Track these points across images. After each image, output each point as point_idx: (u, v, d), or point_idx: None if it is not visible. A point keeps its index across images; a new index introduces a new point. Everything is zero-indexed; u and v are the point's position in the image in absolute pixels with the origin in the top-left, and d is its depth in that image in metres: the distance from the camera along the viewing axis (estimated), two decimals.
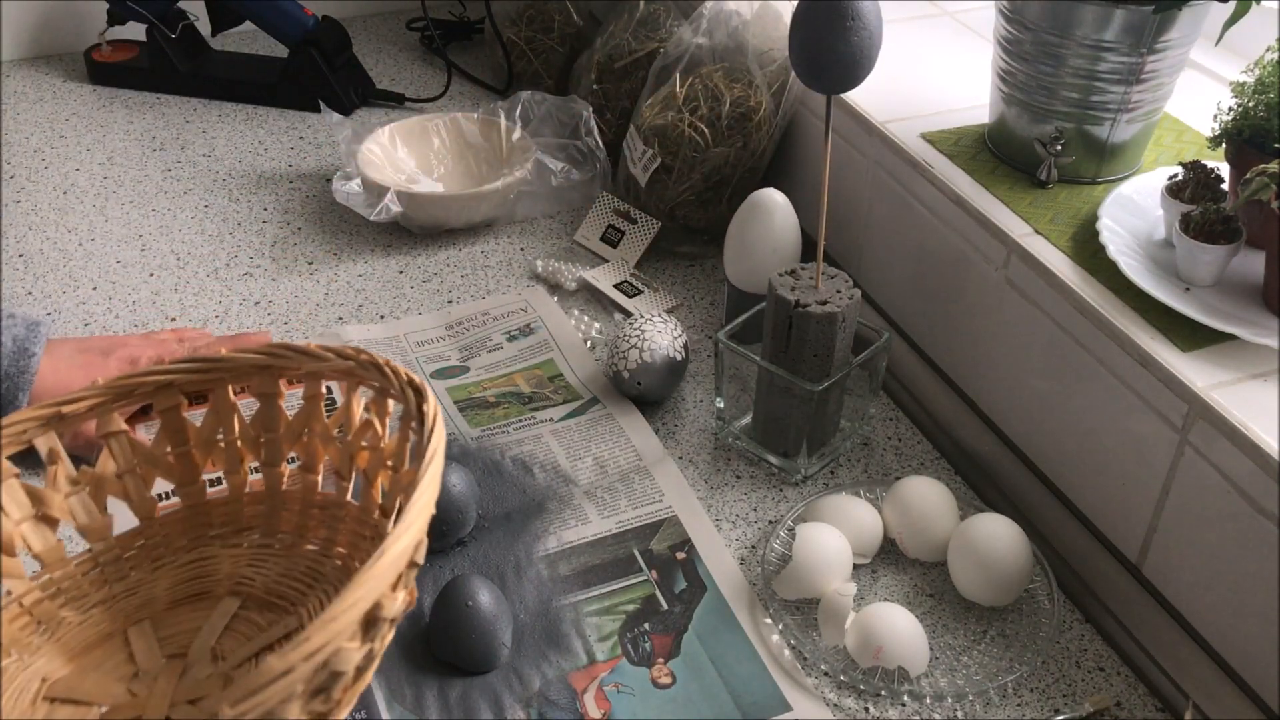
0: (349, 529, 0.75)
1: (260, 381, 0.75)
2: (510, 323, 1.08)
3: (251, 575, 0.76)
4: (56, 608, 0.72)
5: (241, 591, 0.75)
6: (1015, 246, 0.87)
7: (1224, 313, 0.78)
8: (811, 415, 0.90)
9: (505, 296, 1.12)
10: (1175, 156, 0.95)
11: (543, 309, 1.10)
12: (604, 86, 1.28)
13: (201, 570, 0.76)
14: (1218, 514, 0.73)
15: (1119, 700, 0.79)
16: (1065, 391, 0.85)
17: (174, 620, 0.74)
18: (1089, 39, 0.86)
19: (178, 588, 0.75)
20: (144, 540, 0.76)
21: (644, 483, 0.91)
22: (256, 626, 0.73)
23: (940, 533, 0.85)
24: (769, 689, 0.77)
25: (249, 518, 0.78)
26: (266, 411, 0.76)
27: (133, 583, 0.75)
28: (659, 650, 0.79)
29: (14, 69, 1.50)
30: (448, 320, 1.09)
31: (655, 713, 0.75)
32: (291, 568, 0.76)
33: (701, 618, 0.81)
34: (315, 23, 1.40)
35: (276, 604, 0.74)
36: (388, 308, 1.11)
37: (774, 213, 1.00)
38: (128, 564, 0.75)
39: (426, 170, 1.27)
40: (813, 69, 0.82)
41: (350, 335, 1.06)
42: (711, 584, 0.84)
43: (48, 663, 0.70)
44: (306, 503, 0.77)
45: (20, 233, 1.20)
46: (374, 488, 0.73)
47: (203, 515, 0.77)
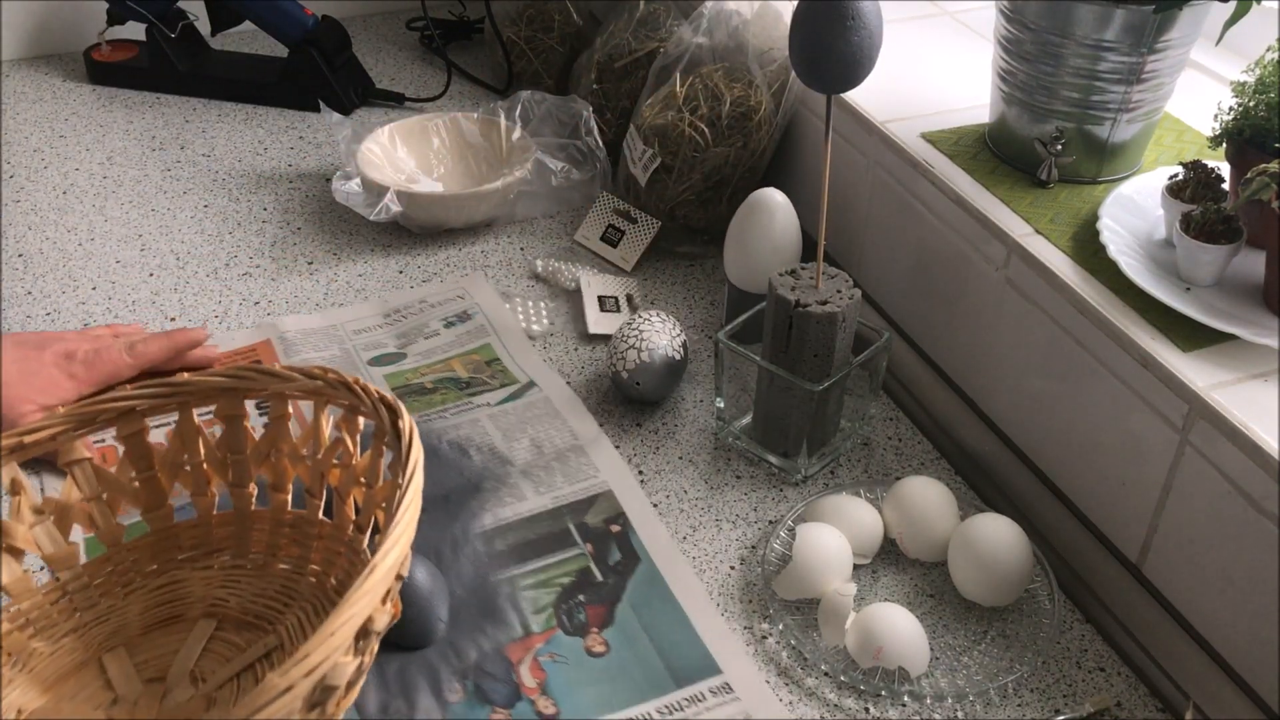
0: (323, 546, 0.75)
1: (225, 404, 0.75)
2: (447, 310, 1.10)
3: (225, 596, 0.75)
4: (26, 639, 0.71)
5: (216, 613, 0.75)
6: (1015, 246, 0.87)
7: (1224, 313, 0.78)
8: (811, 415, 0.90)
9: (443, 284, 1.13)
10: (1176, 156, 0.95)
11: (480, 296, 1.11)
12: (604, 86, 1.28)
13: (173, 594, 0.75)
14: (1218, 514, 0.73)
15: (1119, 700, 0.79)
16: (1065, 391, 0.85)
17: (149, 645, 0.74)
18: (1089, 39, 0.86)
19: (150, 612, 0.74)
20: (112, 567, 0.75)
21: (579, 460, 0.93)
22: (235, 647, 0.73)
23: (940, 533, 0.85)
24: (700, 654, 0.79)
25: (219, 539, 0.77)
26: (232, 433, 0.75)
27: (104, 610, 0.74)
28: (593, 620, 0.81)
29: (14, 69, 1.50)
30: (385, 309, 1.10)
31: (589, 681, 0.77)
32: (265, 587, 0.75)
33: (635, 588, 0.83)
34: (315, 22, 1.40)
35: (253, 624, 0.74)
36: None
37: (774, 212, 1.00)
38: (97, 591, 0.74)
39: (426, 170, 1.27)
40: (813, 69, 0.82)
41: (287, 325, 1.07)
42: (645, 555, 0.86)
43: (21, 695, 0.69)
44: (277, 522, 0.77)
45: (20, 233, 1.20)
46: (347, 504, 0.73)
47: (171, 539, 0.77)
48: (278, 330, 1.06)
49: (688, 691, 0.77)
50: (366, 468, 0.72)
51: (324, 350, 1.03)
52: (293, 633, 0.73)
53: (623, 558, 0.85)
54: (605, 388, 1.03)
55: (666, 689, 0.76)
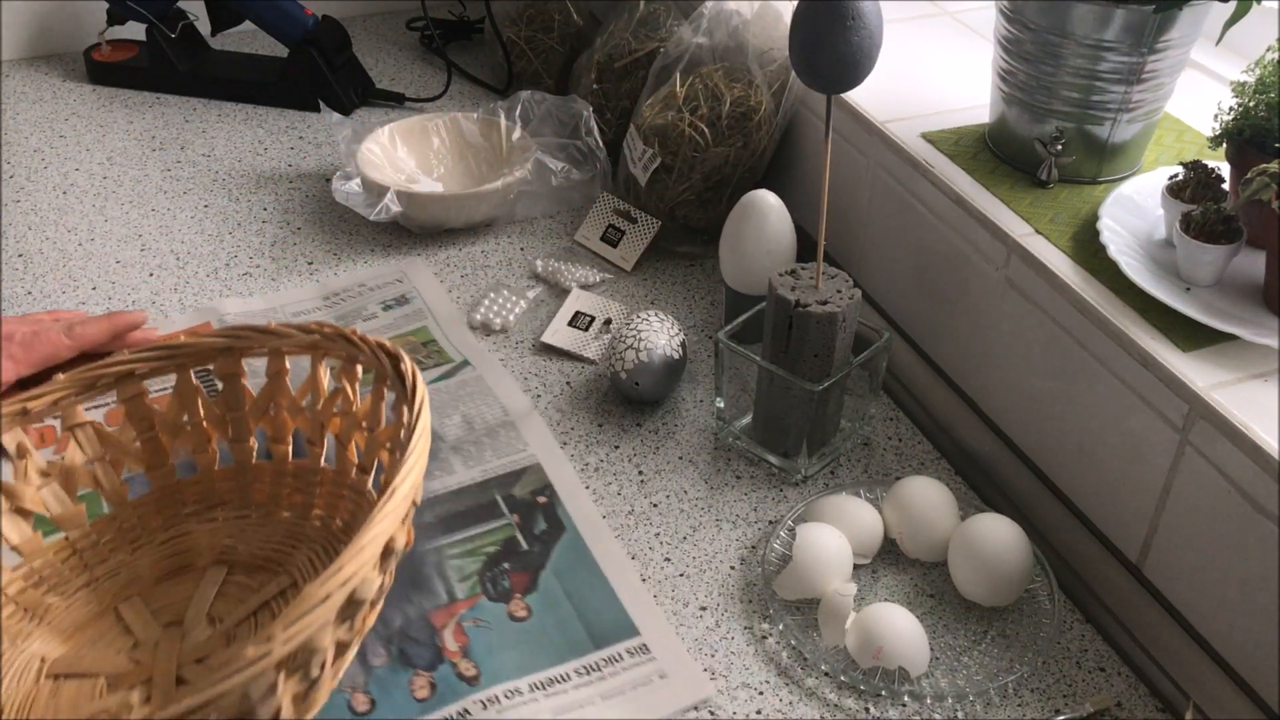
0: (326, 492, 0.77)
1: (222, 363, 0.77)
2: (385, 293, 1.12)
3: (233, 544, 0.78)
4: (41, 595, 0.73)
5: (226, 560, 0.77)
6: (1016, 246, 0.87)
7: (1224, 313, 0.78)
8: (811, 415, 0.90)
9: (381, 268, 1.15)
10: (1176, 156, 0.95)
11: (418, 279, 1.14)
12: (604, 86, 1.28)
13: (181, 546, 0.78)
14: (1218, 514, 0.73)
15: (1119, 700, 0.79)
16: (1065, 391, 0.85)
17: (163, 594, 0.76)
18: (1089, 39, 0.86)
19: (160, 564, 0.77)
20: (119, 524, 0.77)
21: (509, 435, 0.95)
22: (248, 589, 0.75)
23: (940, 533, 0.85)
24: (620, 617, 0.81)
25: (222, 493, 0.80)
26: (230, 391, 0.78)
27: (114, 565, 0.76)
28: (517, 586, 0.83)
29: (14, 69, 1.50)
30: (324, 291, 1.12)
31: (511, 644, 0.79)
32: (271, 534, 0.78)
33: (559, 555, 0.86)
34: (315, 22, 1.40)
35: (264, 566, 0.76)
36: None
37: (767, 214, 1.00)
38: (106, 547, 0.77)
39: (426, 170, 1.27)
40: (813, 69, 0.82)
41: (228, 308, 1.08)
42: (570, 524, 0.88)
43: (43, 645, 0.71)
44: (278, 473, 0.79)
45: (20, 233, 1.20)
46: (349, 450, 0.76)
47: (174, 495, 0.79)
48: (218, 313, 1.08)
49: (606, 652, 0.79)
50: (368, 412, 0.74)
51: None
52: (304, 571, 0.75)
53: (548, 527, 0.88)
54: (605, 388, 1.03)
55: (585, 651, 0.79)
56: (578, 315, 1.09)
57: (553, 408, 1.01)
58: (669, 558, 0.88)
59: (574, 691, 0.77)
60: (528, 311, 1.11)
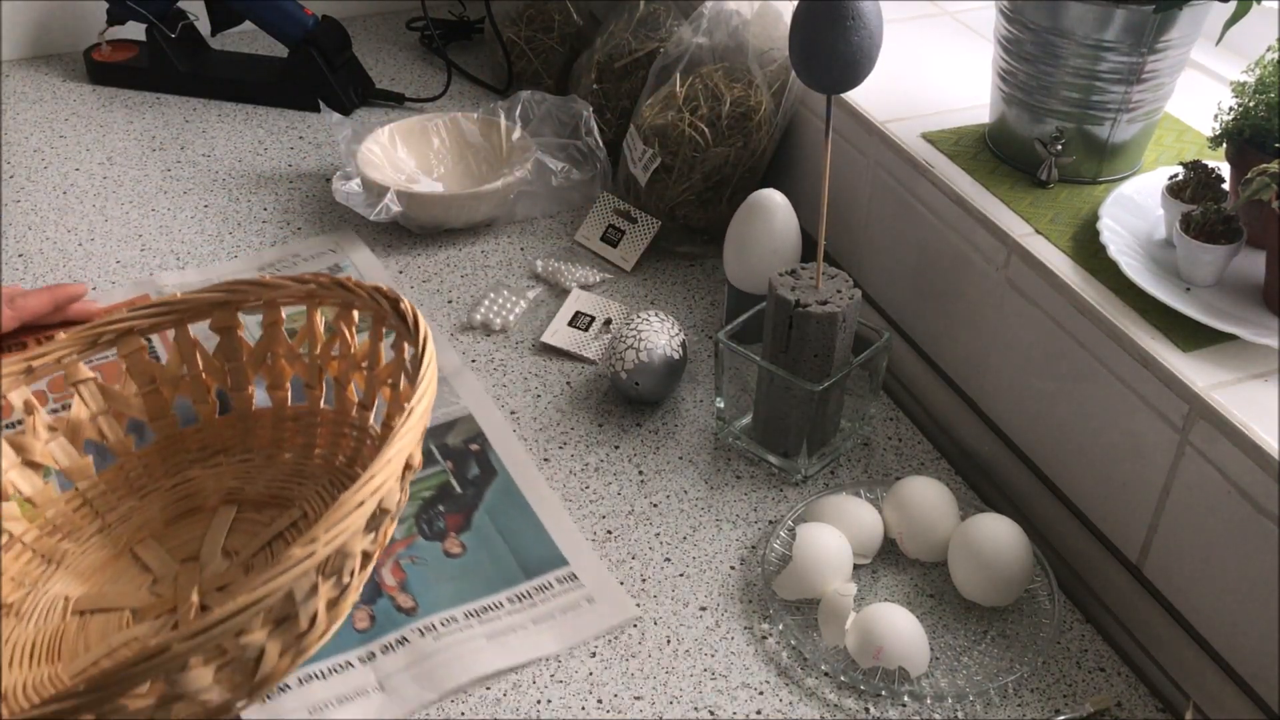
0: (326, 432, 0.80)
1: (219, 317, 0.79)
2: (319, 263, 1.16)
3: (239, 485, 0.80)
4: (56, 542, 0.76)
5: (234, 499, 0.80)
6: (1016, 246, 0.87)
7: (1224, 313, 0.78)
8: (811, 415, 0.90)
9: (315, 240, 1.19)
10: (1176, 156, 0.95)
11: (351, 250, 1.18)
12: (604, 86, 1.28)
13: (189, 490, 0.80)
14: (1218, 514, 0.73)
15: (1119, 700, 0.79)
16: (1065, 391, 0.85)
17: (175, 534, 0.78)
18: (1089, 39, 0.86)
19: (170, 507, 0.79)
20: (126, 474, 0.80)
21: (442, 389, 1.00)
22: (258, 524, 0.78)
23: (940, 533, 0.85)
24: (549, 550, 0.87)
25: (224, 440, 0.82)
26: (228, 343, 0.80)
27: (125, 511, 0.79)
28: (451, 526, 0.88)
29: (14, 69, 1.50)
30: (260, 263, 1.15)
31: (446, 578, 0.84)
32: (275, 474, 0.80)
33: (491, 497, 0.91)
34: (315, 22, 1.40)
35: (272, 503, 0.79)
36: None
37: (774, 213, 1.00)
38: (115, 496, 0.79)
39: (426, 170, 1.27)
40: (813, 69, 0.82)
41: (165, 280, 1.12)
42: (502, 469, 0.93)
43: (64, 586, 0.74)
44: (278, 418, 0.82)
45: (20, 233, 1.20)
46: (348, 390, 0.79)
47: (178, 444, 0.81)
48: (155, 285, 1.11)
49: (537, 581, 0.84)
50: (367, 353, 0.77)
51: None
52: (312, 504, 0.78)
53: (480, 472, 0.93)
54: (605, 388, 1.03)
55: (517, 581, 0.84)
56: (578, 315, 1.09)
57: (553, 408, 1.01)
58: (669, 558, 0.88)
59: (507, 618, 0.81)
60: (528, 311, 1.11)
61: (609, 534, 0.89)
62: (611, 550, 0.88)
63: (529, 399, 1.01)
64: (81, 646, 0.72)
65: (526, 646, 0.80)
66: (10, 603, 0.73)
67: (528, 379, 1.04)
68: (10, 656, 0.70)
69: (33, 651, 0.71)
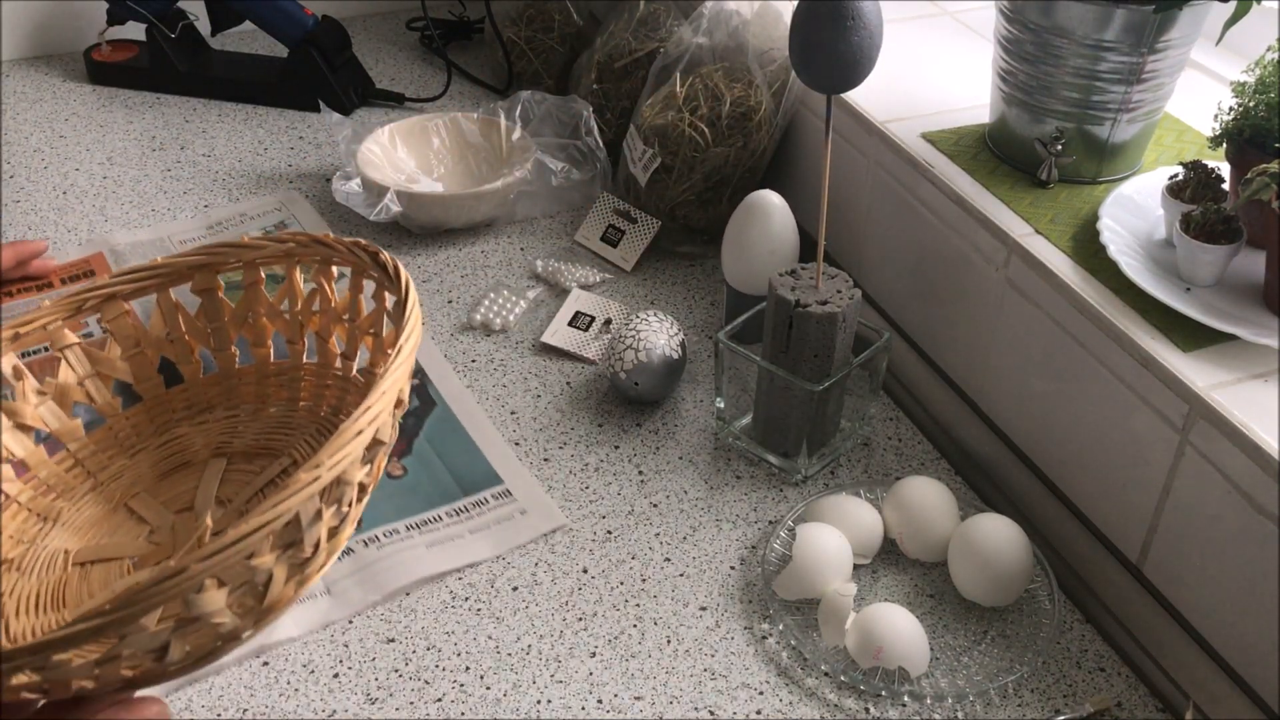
0: (309, 385, 0.83)
1: (200, 279, 0.81)
2: (266, 220, 1.23)
3: (227, 439, 0.83)
4: (51, 501, 0.78)
5: (224, 453, 0.82)
6: (1016, 246, 0.87)
7: (1224, 313, 0.78)
8: (811, 415, 0.90)
9: (261, 199, 1.25)
10: (1176, 156, 0.95)
11: (295, 207, 1.25)
12: (604, 86, 1.28)
13: (177, 447, 0.82)
14: (1218, 514, 0.73)
15: (1119, 701, 0.79)
16: (1066, 391, 0.85)
17: (167, 488, 0.80)
18: (1089, 39, 0.86)
19: (160, 463, 0.81)
20: (114, 434, 0.82)
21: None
22: (249, 473, 0.80)
23: (940, 533, 0.85)
24: (485, 470, 0.94)
25: (209, 398, 0.84)
26: (209, 305, 0.82)
27: (116, 469, 0.81)
28: (394, 452, 0.94)
29: (14, 69, 1.50)
30: (209, 222, 1.22)
31: (388, 496, 0.90)
32: (262, 427, 0.83)
33: (431, 426, 0.98)
34: (315, 22, 1.40)
35: (260, 454, 0.81)
36: None
37: (771, 214, 1.00)
38: (105, 455, 0.81)
39: (426, 170, 1.27)
40: (813, 69, 0.82)
41: (118, 239, 1.18)
42: (441, 400, 1.00)
43: (63, 541, 0.76)
44: (262, 374, 0.84)
45: (20, 232, 1.20)
46: (329, 343, 0.81)
47: (164, 404, 0.83)
48: (109, 244, 1.17)
49: (474, 498, 0.91)
50: (347, 305, 0.79)
51: (153, 255, 1.12)
52: (301, 452, 0.80)
53: (420, 404, 0.99)
54: (604, 388, 1.03)
55: (455, 497, 0.91)
56: (578, 315, 1.09)
57: (553, 408, 1.01)
58: (669, 558, 0.88)
59: (445, 529, 0.88)
60: (528, 311, 1.11)
61: (609, 534, 0.89)
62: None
63: (529, 399, 1.01)
64: (85, 594, 0.74)
65: (464, 553, 0.86)
66: (11, 558, 0.74)
67: (528, 379, 1.04)
68: (15, 607, 0.72)
69: (37, 601, 0.73)
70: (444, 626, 0.82)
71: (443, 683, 0.79)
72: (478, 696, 0.78)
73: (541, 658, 0.80)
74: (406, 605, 0.83)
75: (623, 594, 0.85)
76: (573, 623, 0.83)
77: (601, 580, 0.86)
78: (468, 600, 0.84)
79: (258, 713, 0.76)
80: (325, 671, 0.79)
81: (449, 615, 0.83)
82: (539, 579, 0.86)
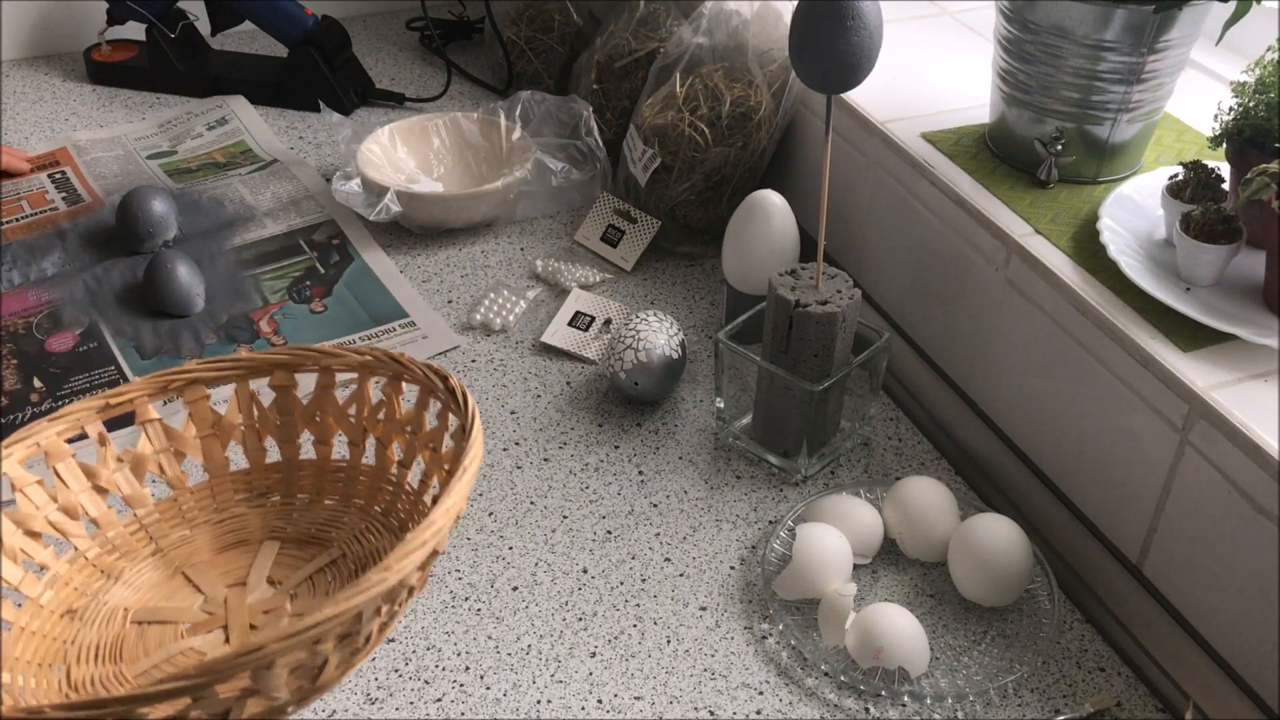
0: (364, 485, 0.88)
1: (278, 376, 0.87)
2: (210, 117, 1.40)
3: (282, 524, 0.88)
4: (114, 560, 0.84)
5: (278, 536, 0.87)
6: (1015, 246, 0.87)
7: (1224, 313, 0.78)
8: (811, 415, 0.90)
9: (205, 101, 1.42)
10: (1176, 156, 0.95)
11: (236, 106, 1.41)
12: (604, 86, 1.28)
13: (236, 526, 0.88)
14: (1218, 514, 0.73)
15: (1119, 700, 0.79)
16: (1065, 391, 0.85)
17: (223, 563, 0.86)
18: (1089, 39, 0.86)
19: (219, 539, 0.87)
20: (179, 506, 0.88)
21: (308, 203, 1.26)
22: (300, 559, 0.85)
23: (940, 533, 0.85)
24: (395, 307, 1.11)
25: (270, 484, 0.90)
26: (283, 399, 0.88)
27: (176, 539, 0.87)
28: (316, 294, 1.13)
29: (14, 69, 1.49)
30: (160, 121, 1.40)
31: (310, 327, 1.09)
32: (316, 517, 0.88)
33: (349, 274, 1.16)
34: (315, 22, 1.40)
35: (311, 542, 0.86)
36: None
37: (771, 214, 1.00)
38: (169, 524, 0.87)
39: (426, 170, 1.27)
40: (813, 69, 0.82)
41: (80, 137, 1.34)
42: (359, 256, 1.18)
43: (122, 598, 0.83)
44: (321, 469, 0.89)
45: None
46: (389, 450, 0.86)
47: (227, 485, 0.89)
48: (72, 140, 1.34)
49: (383, 327, 1.09)
50: (411, 419, 0.84)
51: (111, 151, 1.33)
52: (349, 545, 0.85)
53: (340, 259, 1.18)
54: (604, 388, 1.03)
55: (368, 327, 1.09)
56: (578, 315, 1.09)
57: (553, 408, 1.01)
58: (669, 558, 0.88)
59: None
60: (528, 311, 1.11)
61: (609, 534, 0.89)
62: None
63: (529, 399, 1.01)
64: (141, 651, 0.79)
65: None
66: (75, 609, 0.80)
67: (528, 379, 1.04)
68: (78, 654, 0.78)
69: (97, 652, 0.78)
70: (444, 626, 0.82)
71: (443, 683, 0.79)
72: (478, 696, 0.78)
73: (541, 658, 0.80)
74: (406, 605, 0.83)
75: (623, 594, 0.85)
76: (573, 623, 0.83)
77: (601, 580, 0.86)
78: (468, 600, 0.84)
79: None
80: None
81: (449, 615, 0.83)
82: (539, 579, 0.86)
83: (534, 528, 0.90)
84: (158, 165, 1.32)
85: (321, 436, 0.89)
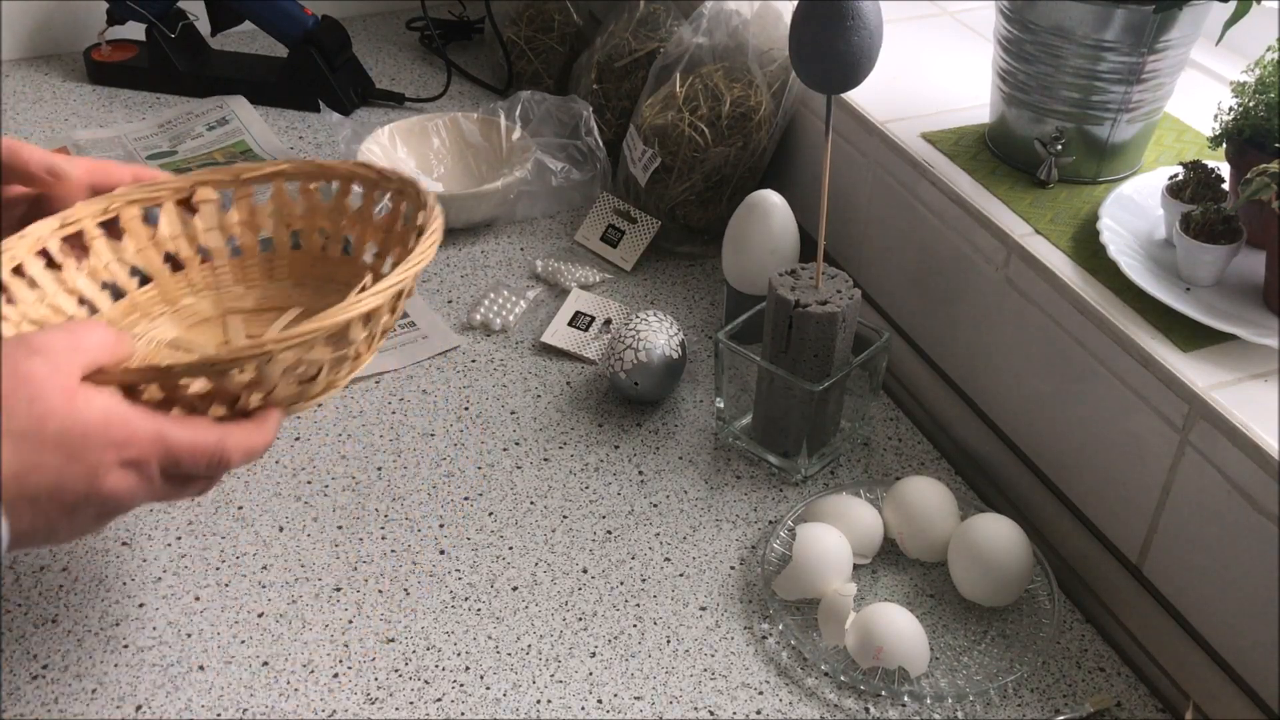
0: (343, 271, 0.90)
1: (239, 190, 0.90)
2: (210, 117, 1.40)
3: (233, 304, 0.91)
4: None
5: (234, 310, 0.90)
6: (1015, 246, 0.87)
7: (1224, 313, 0.78)
8: (811, 415, 0.90)
9: (205, 101, 1.42)
10: (1176, 156, 0.95)
11: (236, 107, 1.41)
12: (604, 86, 1.28)
13: (189, 312, 0.90)
14: (1218, 514, 0.73)
15: (1119, 700, 0.79)
16: (1065, 391, 0.85)
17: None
18: (1089, 39, 0.86)
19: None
20: (135, 304, 0.89)
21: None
22: (266, 323, 0.89)
23: (940, 533, 0.85)
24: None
25: (215, 281, 0.92)
26: (243, 208, 0.91)
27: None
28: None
29: (14, 69, 1.49)
30: (160, 121, 1.39)
31: None
32: (263, 294, 0.91)
33: None
34: (315, 22, 1.40)
35: (269, 309, 0.90)
36: None
37: (771, 214, 1.00)
38: (127, 322, 0.88)
39: (426, 170, 1.27)
40: (813, 69, 0.82)
41: (80, 137, 1.35)
42: None
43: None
44: (296, 259, 0.93)
45: None
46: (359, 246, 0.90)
47: (173, 284, 0.91)
48: (72, 140, 1.34)
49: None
50: (363, 214, 0.88)
51: (111, 151, 1.33)
52: (311, 306, 0.88)
53: None
54: (604, 388, 1.03)
55: None
56: (577, 315, 1.09)
57: (553, 408, 1.01)
58: (669, 558, 0.88)
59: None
60: (528, 311, 1.11)
61: (609, 534, 0.89)
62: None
63: (529, 399, 1.01)
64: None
65: (373, 366, 1.04)
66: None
67: (528, 379, 1.04)
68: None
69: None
70: (444, 626, 0.82)
71: (443, 683, 0.79)
72: (478, 696, 0.78)
73: (541, 658, 0.80)
74: (406, 605, 0.83)
75: (623, 594, 0.85)
76: (573, 623, 0.83)
77: (601, 580, 0.86)
78: (468, 600, 0.84)
79: (258, 713, 0.76)
80: (325, 671, 0.79)
81: (449, 615, 0.83)
82: (539, 579, 0.86)
83: (534, 528, 0.90)
84: (158, 165, 1.33)
85: (333, 233, 0.92)
